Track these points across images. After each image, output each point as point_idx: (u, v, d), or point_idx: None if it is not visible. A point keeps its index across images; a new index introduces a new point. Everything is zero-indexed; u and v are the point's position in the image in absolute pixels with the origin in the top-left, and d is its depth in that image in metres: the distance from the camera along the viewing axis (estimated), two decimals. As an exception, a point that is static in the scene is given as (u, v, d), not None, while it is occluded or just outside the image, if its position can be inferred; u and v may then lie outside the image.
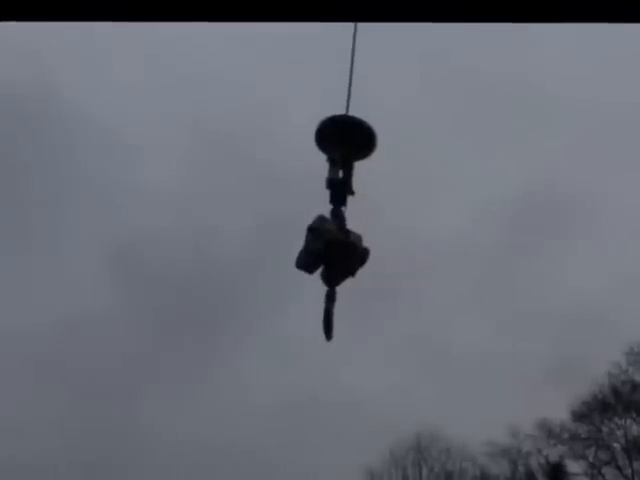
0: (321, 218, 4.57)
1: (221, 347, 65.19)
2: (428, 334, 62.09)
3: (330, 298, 4.55)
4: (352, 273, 4.58)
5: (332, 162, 4.74)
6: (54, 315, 64.19)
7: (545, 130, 68.06)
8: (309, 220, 4.59)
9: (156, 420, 56.54)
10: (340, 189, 4.67)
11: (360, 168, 4.79)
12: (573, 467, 48.69)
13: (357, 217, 4.67)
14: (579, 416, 47.79)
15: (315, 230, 4.51)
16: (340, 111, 4.80)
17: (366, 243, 4.64)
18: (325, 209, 4.70)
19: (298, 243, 4.62)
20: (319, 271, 4.63)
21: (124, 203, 76.23)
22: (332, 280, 4.56)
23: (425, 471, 53.12)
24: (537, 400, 47.89)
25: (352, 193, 4.72)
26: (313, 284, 4.60)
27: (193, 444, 54.03)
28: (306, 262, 4.58)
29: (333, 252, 4.51)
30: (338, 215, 4.62)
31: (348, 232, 4.59)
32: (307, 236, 4.53)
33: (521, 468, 50.40)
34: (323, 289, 4.62)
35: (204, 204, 72.71)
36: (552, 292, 62.61)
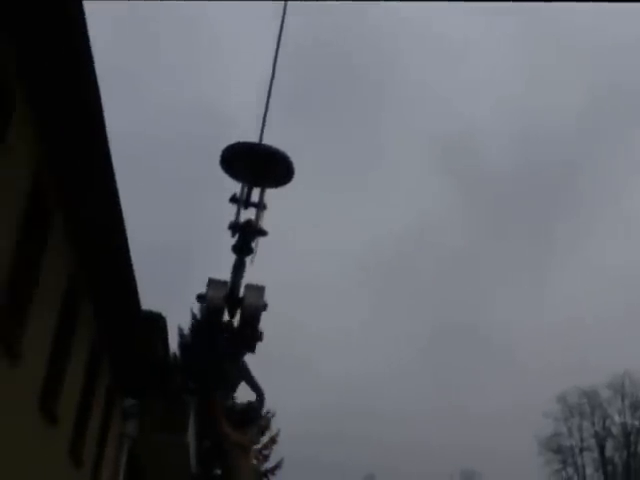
0: (210, 283, 3.85)
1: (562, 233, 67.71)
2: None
3: None
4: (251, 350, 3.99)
5: (238, 201, 3.97)
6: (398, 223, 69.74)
7: None
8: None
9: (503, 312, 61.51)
10: (247, 235, 3.90)
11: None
12: None
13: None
14: None
15: (202, 299, 3.83)
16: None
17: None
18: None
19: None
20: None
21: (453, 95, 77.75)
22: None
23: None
24: None
25: (264, 234, 3.96)
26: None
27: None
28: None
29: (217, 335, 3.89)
30: (237, 271, 3.87)
31: (238, 299, 3.82)
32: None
33: None
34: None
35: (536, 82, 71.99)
36: None
